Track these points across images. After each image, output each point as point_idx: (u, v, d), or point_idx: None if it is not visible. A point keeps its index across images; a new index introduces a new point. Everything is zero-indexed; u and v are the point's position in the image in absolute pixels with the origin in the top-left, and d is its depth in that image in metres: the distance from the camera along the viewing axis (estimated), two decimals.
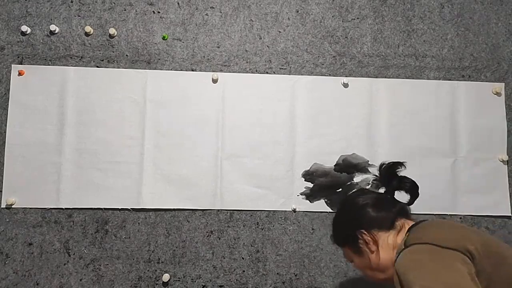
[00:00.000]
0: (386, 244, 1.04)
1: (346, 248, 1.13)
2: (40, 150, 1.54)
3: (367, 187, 1.58)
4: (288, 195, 1.58)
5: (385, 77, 1.65)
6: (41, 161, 1.53)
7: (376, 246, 1.05)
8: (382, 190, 1.15)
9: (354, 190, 1.22)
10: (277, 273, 1.55)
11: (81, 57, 1.59)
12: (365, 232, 1.06)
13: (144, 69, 1.60)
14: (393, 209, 1.07)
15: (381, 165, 1.15)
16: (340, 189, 1.59)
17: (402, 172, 1.13)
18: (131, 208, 1.54)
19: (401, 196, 1.12)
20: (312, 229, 1.57)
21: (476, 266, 0.87)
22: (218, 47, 1.63)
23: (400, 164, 1.13)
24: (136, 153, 1.56)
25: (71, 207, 1.53)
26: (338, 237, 1.16)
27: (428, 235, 0.96)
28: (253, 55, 1.63)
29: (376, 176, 1.16)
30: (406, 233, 1.02)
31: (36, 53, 1.58)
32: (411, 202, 1.11)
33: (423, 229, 1.00)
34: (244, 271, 1.54)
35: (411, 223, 1.06)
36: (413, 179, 1.11)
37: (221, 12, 1.65)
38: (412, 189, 1.10)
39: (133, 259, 1.53)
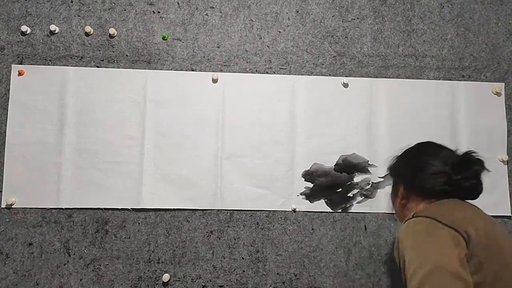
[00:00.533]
0: (412, 207, 1.09)
1: (391, 179, 1.25)
2: (40, 150, 1.54)
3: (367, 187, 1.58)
4: (288, 195, 1.58)
5: (385, 77, 1.65)
6: (41, 161, 1.53)
7: (405, 204, 1.13)
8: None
9: (433, 143, 1.19)
10: (277, 273, 1.55)
11: (81, 57, 1.59)
12: (403, 190, 1.13)
13: (144, 69, 1.60)
14: (444, 187, 1.06)
15: (468, 152, 1.10)
16: (340, 189, 1.59)
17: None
18: (131, 208, 1.54)
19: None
20: (312, 229, 1.57)
21: (470, 250, 0.90)
22: (218, 47, 1.63)
23: (483, 164, 1.08)
24: (136, 153, 1.56)
25: (71, 207, 1.53)
26: (389, 169, 1.25)
27: (435, 210, 0.99)
28: (253, 55, 1.63)
29: (457, 155, 1.12)
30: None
31: (36, 53, 1.58)
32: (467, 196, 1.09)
33: (436, 204, 1.03)
34: (244, 271, 1.54)
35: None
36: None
37: (221, 12, 1.65)
38: (472, 190, 1.07)
39: (133, 259, 1.53)
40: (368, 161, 1.61)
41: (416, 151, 1.19)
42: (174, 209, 1.55)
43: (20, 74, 1.56)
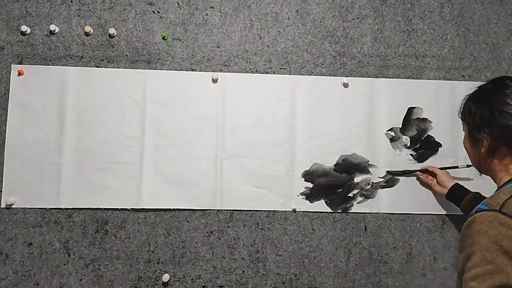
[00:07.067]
0: (497, 162, 0.94)
1: (464, 123, 1.05)
2: (40, 150, 1.54)
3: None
4: (288, 195, 1.58)
5: (385, 77, 1.65)
6: (41, 161, 1.53)
7: (486, 154, 0.96)
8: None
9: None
10: (277, 273, 1.55)
11: (81, 57, 1.59)
12: (489, 139, 0.94)
13: (144, 69, 1.60)
14: None
15: None
16: (340, 189, 1.59)
17: None
18: (131, 208, 1.54)
19: None
20: (312, 229, 1.57)
21: None
22: (218, 47, 1.63)
23: None
24: (136, 153, 1.56)
25: (71, 207, 1.53)
26: (467, 111, 1.02)
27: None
28: (253, 55, 1.63)
29: None
30: (503, 185, 0.92)
31: (36, 53, 1.58)
32: None
33: None
34: (244, 271, 1.54)
35: None
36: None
37: (221, 12, 1.65)
38: None
39: (133, 259, 1.53)
40: (368, 161, 1.61)
41: (499, 89, 0.97)
42: (174, 209, 1.55)
43: (20, 74, 1.55)
